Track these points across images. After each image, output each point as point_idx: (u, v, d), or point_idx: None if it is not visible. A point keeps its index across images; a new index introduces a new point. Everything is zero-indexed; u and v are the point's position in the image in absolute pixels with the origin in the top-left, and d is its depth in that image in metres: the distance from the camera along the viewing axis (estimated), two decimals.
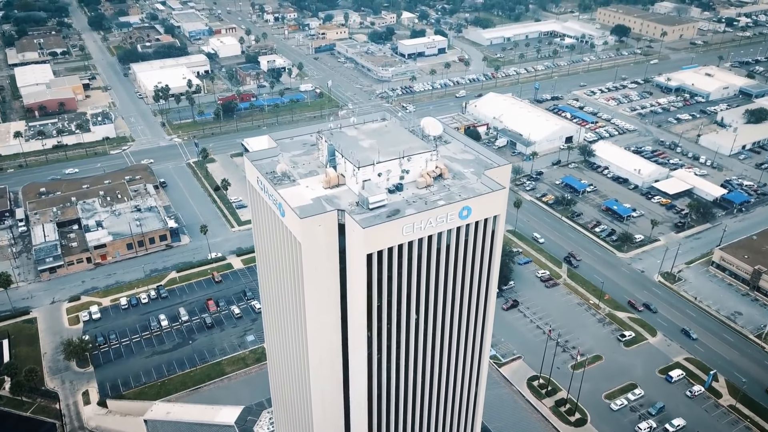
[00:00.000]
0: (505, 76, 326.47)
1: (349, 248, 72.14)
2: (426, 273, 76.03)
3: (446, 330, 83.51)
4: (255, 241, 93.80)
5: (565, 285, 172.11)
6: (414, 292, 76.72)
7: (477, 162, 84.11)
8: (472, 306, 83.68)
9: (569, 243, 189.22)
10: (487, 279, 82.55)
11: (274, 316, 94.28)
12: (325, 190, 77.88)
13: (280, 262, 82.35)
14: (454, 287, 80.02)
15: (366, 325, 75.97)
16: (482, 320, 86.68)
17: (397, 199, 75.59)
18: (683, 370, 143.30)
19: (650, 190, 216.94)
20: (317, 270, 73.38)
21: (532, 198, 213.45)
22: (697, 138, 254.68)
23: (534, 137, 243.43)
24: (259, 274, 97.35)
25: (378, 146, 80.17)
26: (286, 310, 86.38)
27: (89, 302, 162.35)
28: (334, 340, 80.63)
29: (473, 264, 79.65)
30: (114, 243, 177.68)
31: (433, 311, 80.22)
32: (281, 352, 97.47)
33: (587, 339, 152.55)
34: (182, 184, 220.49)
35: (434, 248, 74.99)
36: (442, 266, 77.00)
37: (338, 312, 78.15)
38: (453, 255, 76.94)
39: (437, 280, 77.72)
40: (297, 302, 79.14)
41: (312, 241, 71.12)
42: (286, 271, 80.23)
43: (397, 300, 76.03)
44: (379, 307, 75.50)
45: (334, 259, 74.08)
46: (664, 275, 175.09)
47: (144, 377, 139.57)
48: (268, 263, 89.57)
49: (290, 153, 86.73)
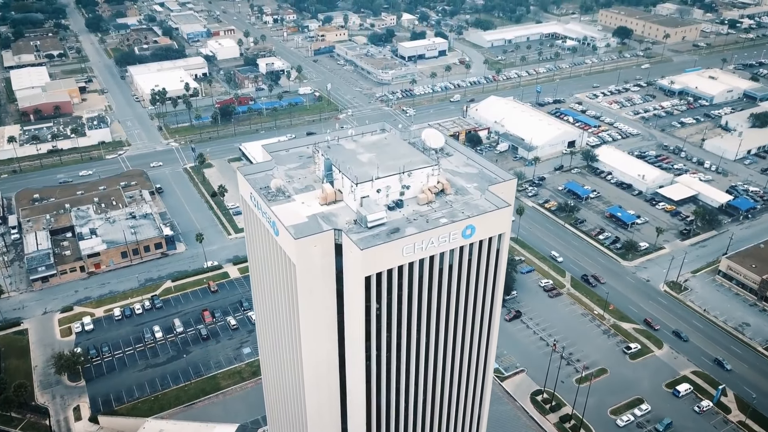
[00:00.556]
0: (506, 78, 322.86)
1: (347, 270, 68.47)
2: (428, 295, 72.36)
3: (449, 352, 79.85)
4: (249, 258, 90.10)
5: (568, 295, 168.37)
6: (415, 315, 73.05)
7: (480, 176, 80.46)
8: (476, 327, 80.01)
9: (573, 251, 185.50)
10: (491, 299, 78.90)
11: (269, 333, 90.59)
12: (321, 206, 74.24)
13: (274, 281, 78.66)
14: (457, 308, 76.36)
15: (364, 348, 72.33)
16: (486, 341, 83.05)
17: (397, 217, 71.96)
18: (691, 384, 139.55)
19: (654, 196, 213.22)
20: (312, 292, 69.69)
21: (534, 204, 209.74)
22: (701, 142, 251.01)
23: (536, 142, 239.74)
24: (253, 290, 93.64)
25: (377, 160, 76.55)
26: (280, 329, 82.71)
27: (82, 313, 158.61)
28: (331, 361, 76.92)
29: (477, 284, 75.98)
30: (108, 251, 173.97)
31: (435, 333, 76.53)
32: (276, 370, 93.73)
33: (592, 351, 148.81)
34: (178, 189, 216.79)
35: (436, 269, 71.36)
36: (445, 287, 73.32)
37: (335, 334, 74.44)
38: (456, 275, 73.29)
39: (439, 301, 74.04)
40: (291, 322, 75.51)
41: (307, 263, 67.44)
42: (281, 290, 76.55)
43: (397, 323, 72.35)
44: (377, 330, 71.87)
45: (331, 281, 70.41)
46: (670, 285, 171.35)
47: (137, 392, 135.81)
48: (261, 281, 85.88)
49: (285, 166, 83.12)
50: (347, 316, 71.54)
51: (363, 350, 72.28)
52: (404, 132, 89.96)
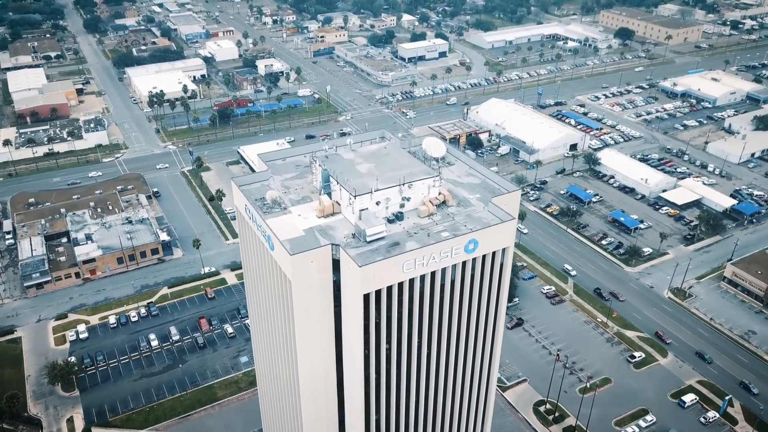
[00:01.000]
0: (507, 80, 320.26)
1: (345, 286, 65.89)
2: (429, 311, 69.81)
3: (451, 368, 77.29)
4: (244, 270, 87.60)
5: (571, 302, 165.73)
6: (416, 332, 70.50)
7: (483, 186, 77.87)
8: (479, 343, 77.45)
9: (575, 257, 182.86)
10: (494, 314, 76.32)
11: (264, 346, 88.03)
12: (318, 219, 71.65)
13: (269, 295, 76.08)
14: (459, 324, 73.82)
15: (363, 366, 69.72)
16: (489, 356, 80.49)
17: (397, 230, 69.42)
18: (696, 394, 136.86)
19: (658, 200, 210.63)
20: (309, 309, 67.12)
21: (536, 209, 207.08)
22: (704, 145, 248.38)
23: (538, 145, 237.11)
24: (248, 302, 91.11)
25: (376, 171, 73.97)
26: (276, 344, 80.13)
27: (77, 320, 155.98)
28: (329, 378, 74.33)
29: (480, 300, 73.41)
30: (104, 257, 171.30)
31: (436, 350, 73.98)
32: (272, 385, 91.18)
33: (595, 360, 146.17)
34: (176, 193, 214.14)
35: (438, 284, 68.83)
36: (447, 303, 70.77)
37: (332, 351, 71.89)
38: (458, 291, 70.75)
39: (441, 317, 71.49)
40: (287, 338, 72.95)
41: (303, 279, 64.88)
42: (276, 305, 73.99)
43: (398, 340, 69.80)
44: (377, 348, 69.29)
45: (328, 297, 67.86)
46: (674, 291, 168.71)
47: (132, 402, 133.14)
48: (256, 293, 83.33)
49: (282, 176, 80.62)
50: (345, 333, 68.99)
51: (362, 368, 69.77)
52: (404, 140, 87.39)
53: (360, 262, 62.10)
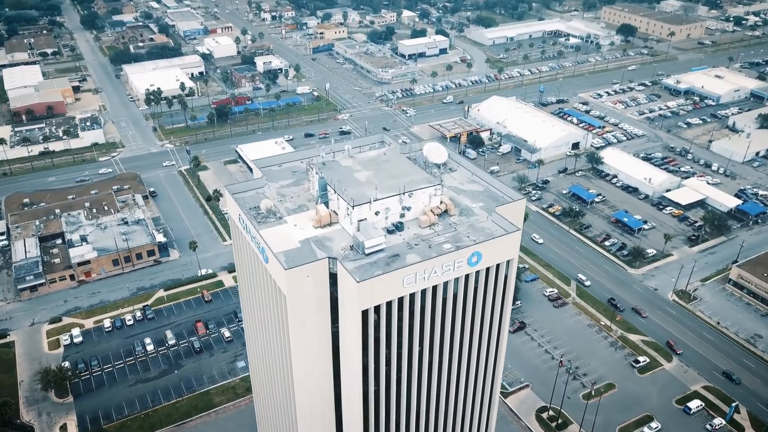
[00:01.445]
0: (508, 77, 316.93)
1: (342, 302, 63.13)
2: (430, 325, 67.08)
3: (453, 383, 74.62)
4: (239, 279, 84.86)
5: (574, 304, 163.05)
6: (417, 347, 67.81)
7: (486, 194, 75.03)
8: (482, 357, 74.76)
9: (578, 259, 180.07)
10: (498, 327, 73.60)
11: (260, 358, 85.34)
12: (315, 229, 68.82)
13: (264, 307, 73.34)
14: (462, 338, 71.08)
15: (362, 381, 67.01)
16: (492, 369, 77.85)
17: (397, 242, 66.63)
18: (702, 400, 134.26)
19: (661, 200, 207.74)
20: (305, 324, 64.36)
21: (538, 209, 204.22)
22: (708, 144, 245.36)
23: (539, 143, 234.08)
24: (243, 312, 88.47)
25: (375, 179, 71.12)
26: (271, 357, 77.42)
27: (71, 324, 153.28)
28: (326, 394, 71.67)
29: (483, 313, 70.66)
30: (99, 259, 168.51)
31: (438, 365, 71.29)
32: (268, 397, 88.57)
33: (599, 365, 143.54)
34: (173, 193, 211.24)
35: (440, 298, 66.05)
36: (449, 317, 68.01)
37: (329, 367, 69.17)
38: (461, 304, 68.00)
39: (443, 332, 68.75)
40: (283, 353, 70.25)
41: (299, 294, 62.09)
42: (271, 318, 71.23)
43: (398, 356, 67.08)
44: (376, 363, 66.57)
45: (325, 312, 65.12)
46: (679, 294, 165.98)
47: (127, 408, 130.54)
48: (251, 304, 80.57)
49: (278, 183, 77.80)
50: (343, 349, 66.28)
51: (360, 384, 67.11)
52: (404, 145, 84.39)
53: (358, 276, 59.36)
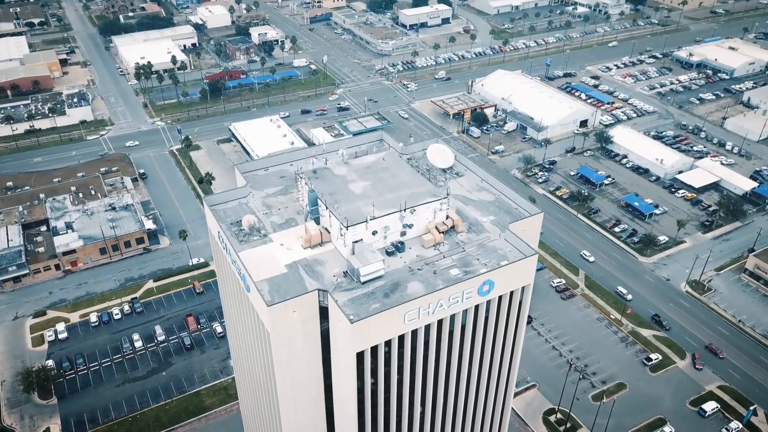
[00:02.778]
0: (513, 49, 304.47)
1: (335, 341, 55.24)
2: (435, 362, 59.36)
3: (459, 418, 67.23)
4: (223, 302, 76.96)
5: (582, 296, 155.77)
6: (419, 386, 60.15)
7: (498, 205, 66.54)
8: (491, 388, 67.23)
9: (587, 246, 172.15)
10: (510, 356, 65.80)
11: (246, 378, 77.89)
12: (304, 250, 60.58)
13: (248, 339, 65.49)
14: (470, 373, 63.44)
15: (357, 424, 59.63)
16: (503, 399, 70.36)
17: (398, 265, 58.47)
18: (717, 401, 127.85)
19: (673, 183, 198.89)
20: (292, 362, 56.63)
21: (544, 192, 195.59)
22: (722, 121, 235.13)
23: (546, 121, 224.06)
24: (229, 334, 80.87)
25: (373, 191, 62.59)
26: (258, 386, 69.90)
27: (56, 318, 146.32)
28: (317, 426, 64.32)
29: (494, 344, 62.89)
30: (85, 248, 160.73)
31: (443, 401, 63.76)
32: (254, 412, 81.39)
33: (609, 363, 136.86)
34: (164, 175, 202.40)
35: (445, 332, 58.18)
36: (455, 352, 60.27)
37: (321, 408, 61.61)
38: (469, 337, 60.18)
39: (448, 367, 61.08)
40: (269, 388, 62.61)
41: (284, 331, 54.19)
42: (256, 351, 63.46)
43: (397, 397, 59.46)
44: (373, 406, 59.07)
45: (315, 348, 57.30)
46: (692, 284, 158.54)
47: (113, 411, 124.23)
48: (236, 332, 72.75)
49: (263, 192, 69.18)
50: (336, 391, 58.67)
51: (355, 419, 59.69)
52: (406, 146, 75.51)
53: (352, 314, 51.38)
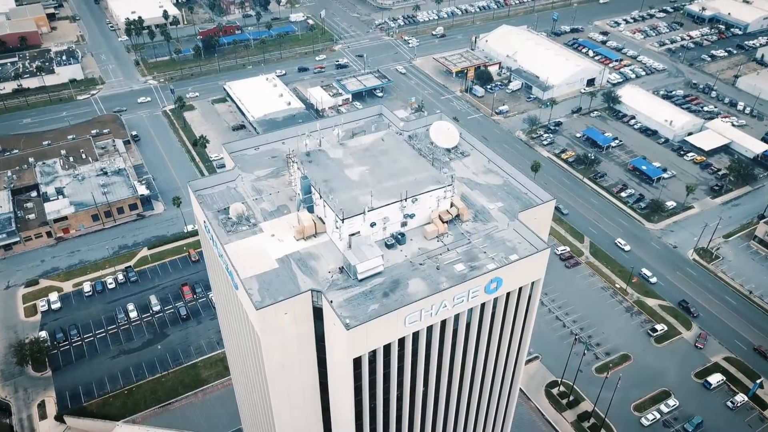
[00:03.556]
0: (519, 3, 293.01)
1: (330, 346, 51.35)
2: (437, 363, 55.59)
3: (461, 416, 64.03)
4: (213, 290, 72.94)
5: (587, 264, 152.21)
6: (420, 387, 56.58)
7: (506, 190, 61.74)
8: (495, 386, 63.83)
9: (592, 212, 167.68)
10: (516, 352, 62.12)
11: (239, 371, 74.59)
12: (297, 241, 56.11)
13: (239, 336, 61.66)
14: (474, 371, 59.87)
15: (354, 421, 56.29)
16: (508, 393, 67.07)
17: (398, 259, 54.08)
18: (723, 373, 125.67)
19: (682, 145, 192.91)
20: (285, 366, 52.87)
21: (549, 154, 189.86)
22: (734, 80, 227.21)
23: (552, 80, 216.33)
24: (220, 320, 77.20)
25: (371, 178, 57.64)
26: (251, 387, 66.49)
27: (49, 287, 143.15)
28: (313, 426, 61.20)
29: (500, 340, 59.05)
30: (77, 215, 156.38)
31: (445, 401, 60.34)
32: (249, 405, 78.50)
33: (613, 334, 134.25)
34: (157, 137, 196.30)
35: (449, 332, 54.20)
36: (459, 351, 56.48)
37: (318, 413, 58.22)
38: (474, 336, 56.28)
39: (452, 367, 57.42)
40: (262, 393, 59.17)
41: (275, 334, 50.18)
42: (247, 351, 59.71)
43: (397, 400, 55.98)
44: (372, 411, 55.60)
45: (310, 351, 53.44)
46: (700, 252, 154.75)
47: (109, 384, 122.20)
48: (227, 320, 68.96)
49: (253, 174, 64.21)
50: (332, 393, 55.13)
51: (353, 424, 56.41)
52: (408, 120, 70.05)
53: (349, 318, 47.25)
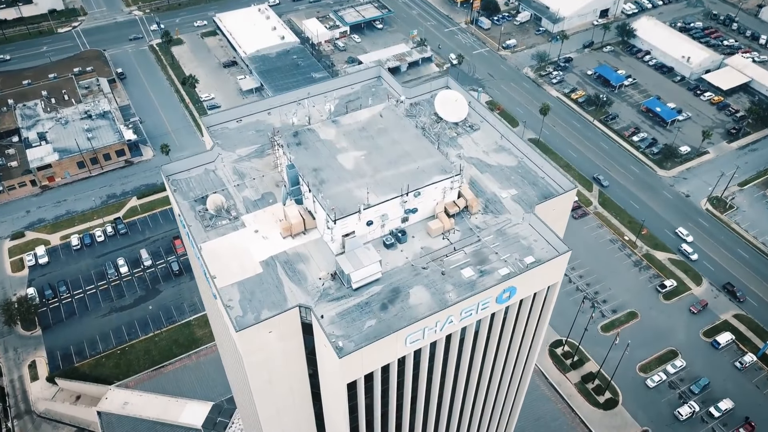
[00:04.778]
0: None
1: (322, 368, 45.74)
2: (441, 377, 50.28)
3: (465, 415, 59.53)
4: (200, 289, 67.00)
5: (595, 215, 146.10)
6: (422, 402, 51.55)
7: (521, 173, 54.72)
8: (503, 387, 58.93)
9: (602, 158, 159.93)
10: (527, 355, 56.87)
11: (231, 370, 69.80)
12: (284, 239, 49.63)
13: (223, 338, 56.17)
14: (479, 381, 54.93)
15: None
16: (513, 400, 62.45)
17: (398, 261, 47.84)
18: (733, 332, 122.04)
19: (699, 83, 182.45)
20: (272, 381, 47.53)
21: (558, 94, 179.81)
22: (757, 10, 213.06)
23: (563, 11, 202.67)
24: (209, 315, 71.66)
25: (368, 166, 50.37)
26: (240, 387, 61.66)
27: (35, 240, 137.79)
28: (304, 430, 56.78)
29: (509, 349, 53.65)
30: (61, 162, 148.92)
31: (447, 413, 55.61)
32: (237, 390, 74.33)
33: (621, 290, 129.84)
34: (144, 75, 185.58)
35: (455, 344, 48.58)
36: (465, 363, 51.04)
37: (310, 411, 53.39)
38: (482, 347, 50.70)
39: (456, 379, 52.20)
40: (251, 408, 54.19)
41: (259, 354, 44.53)
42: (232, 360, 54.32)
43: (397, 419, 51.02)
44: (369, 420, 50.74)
45: (299, 364, 47.96)
46: (713, 201, 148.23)
47: (101, 344, 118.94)
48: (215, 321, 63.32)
49: (235, 153, 56.99)
50: (326, 411, 50.10)
51: None
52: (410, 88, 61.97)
53: (341, 340, 41.45)
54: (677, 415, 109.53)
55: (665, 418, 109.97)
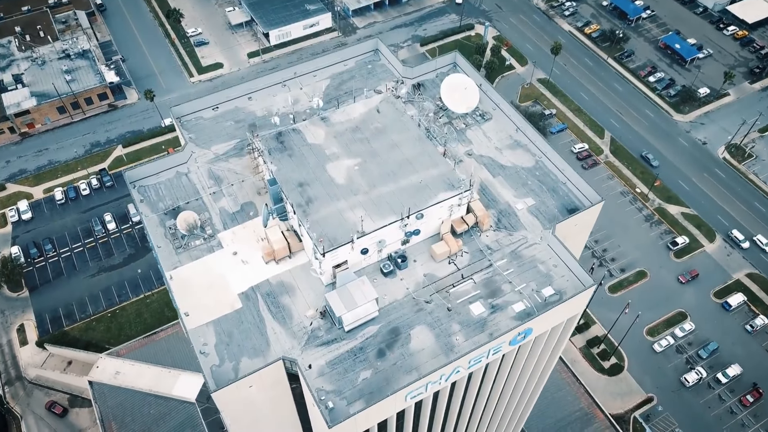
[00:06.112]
0: None
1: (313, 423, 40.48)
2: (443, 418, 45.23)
3: None
4: None
5: (606, 164, 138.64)
6: None
7: (539, 177, 47.99)
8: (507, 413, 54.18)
9: (615, 101, 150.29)
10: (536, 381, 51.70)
11: None
12: (266, 264, 43.35)
13: None
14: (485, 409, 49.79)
15: None
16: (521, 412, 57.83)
17: (397, 293, 41.79)
18: (745, 292, 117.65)
19: (723, 16, 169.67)
20: (258, 421, 42.57)
21: (571, 28, 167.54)
22: None
23: None
24: None
25: (362, 180, 43.18)
26: None
27: (17, 193, 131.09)
28: None
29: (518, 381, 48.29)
30: (40, 108, 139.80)
31: None
32: None
33: (631, 247, 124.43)
34: (125, 7, 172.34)
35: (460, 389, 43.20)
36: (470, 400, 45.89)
37: None
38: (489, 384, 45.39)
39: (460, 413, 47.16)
40: None
41: (239, 405, 39.23)
42: None
43: None
44: None
45: (286, 407, 42.82)
46: (731, 149, 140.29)
47: (90, 306, 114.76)
48: None
49: (210, 150, 49.72)
50: None
51: None
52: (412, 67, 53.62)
53: (331, 398, 36.04)
54: (683, 381, 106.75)
55: (671, 384, 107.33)
